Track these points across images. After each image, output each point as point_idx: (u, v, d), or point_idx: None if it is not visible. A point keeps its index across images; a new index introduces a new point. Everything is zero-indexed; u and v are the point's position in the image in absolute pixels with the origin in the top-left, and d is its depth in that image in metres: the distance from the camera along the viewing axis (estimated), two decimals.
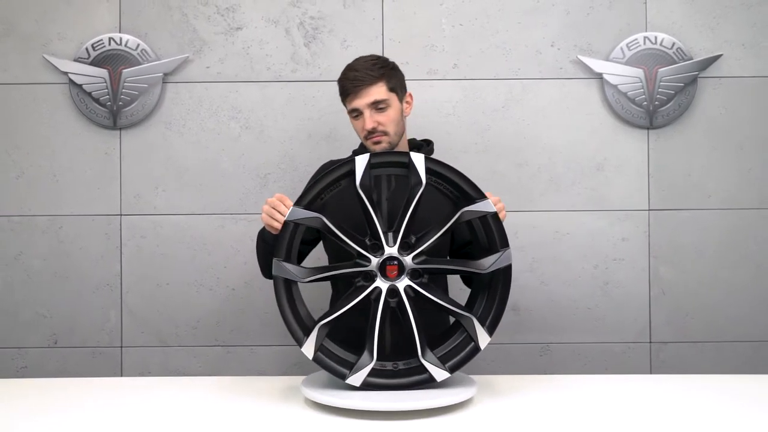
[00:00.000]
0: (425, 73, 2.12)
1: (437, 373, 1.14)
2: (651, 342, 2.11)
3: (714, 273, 2.11)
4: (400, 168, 1.15)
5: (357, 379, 1.20)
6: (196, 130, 2.12)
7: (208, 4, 2.12)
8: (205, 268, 2.12)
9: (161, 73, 2.10)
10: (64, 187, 2.12)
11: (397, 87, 1.57)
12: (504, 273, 1.17)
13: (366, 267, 1.20)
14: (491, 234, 1.13)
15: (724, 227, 2.11)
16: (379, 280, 1.19)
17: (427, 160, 1.16)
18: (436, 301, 1.14)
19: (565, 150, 2.12)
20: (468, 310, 1.13)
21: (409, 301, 1.16)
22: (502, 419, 1.16)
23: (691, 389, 1.41)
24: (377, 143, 1.54)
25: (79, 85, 2.09)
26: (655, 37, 2.08)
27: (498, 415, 1.19)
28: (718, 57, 2.09)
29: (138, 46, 2.09)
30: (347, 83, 1.55)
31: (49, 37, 2.11)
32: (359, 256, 1.21)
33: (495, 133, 2.12)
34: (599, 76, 2.10)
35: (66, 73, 2.09)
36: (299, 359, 2.04)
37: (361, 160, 1.17)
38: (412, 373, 1.16)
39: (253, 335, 2.12)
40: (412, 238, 1.18)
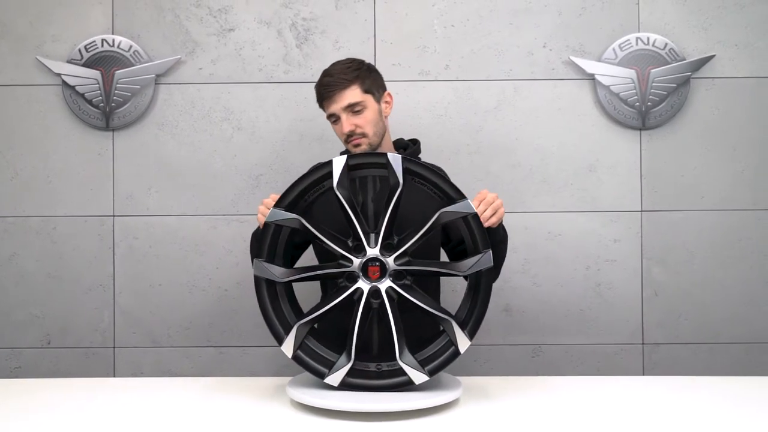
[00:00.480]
0: (417, 74, 2.12)
1: (415, 375, 1.13)
2: (644, 343, 2.11)
3: (707, 274, 2.10)
4: (379, 169, 1.14)
5: (335, 379, 1.20)
6: (189, 131, 2.13)
7: (200, 5, 2.12)
8: (197, 268, 2.13)
9: (154, 75, 2.10)
10: (57, 188, 2.13)
11: (372, 88, 1.57)
12: (485, 275, 1.15)
13: (348, 268, 1.20)
14: (473, 235, 1.12)
15: (718, 228, 2.10)
16: (361, 281, 1.19)
17: (405, 160, 1.15)
18: (416, 303, 1.14)
19: (557, 151, 2.11)
20: (448, 313, 1.13)
21: (391, 302, 1.16)
22: (489, 421, 1.16)
23: (684, 391, 1.41)
24: (357, 146, 1.54)
25: (72, 87, 2.10)
26: (648, 38, 2.08)
27: (484, 416, 1.18)
28: (711, 57, 2.08)
29: (131, 47, 2.10)
30: (322, 89, 1.56)
31: (43, 38, 2.12)
32: (342, 257, 1.21)
33: (487, 134, 2.12)
34: (591, 77, 2.09)
35: (59, 75, 2.10)
36: (291, 360, 2.03)
37: (339, 162, 1.17)
38: (393, 375, 1.15)
39: (245, 336, 2.13)
40: (395, 239, 1.18)
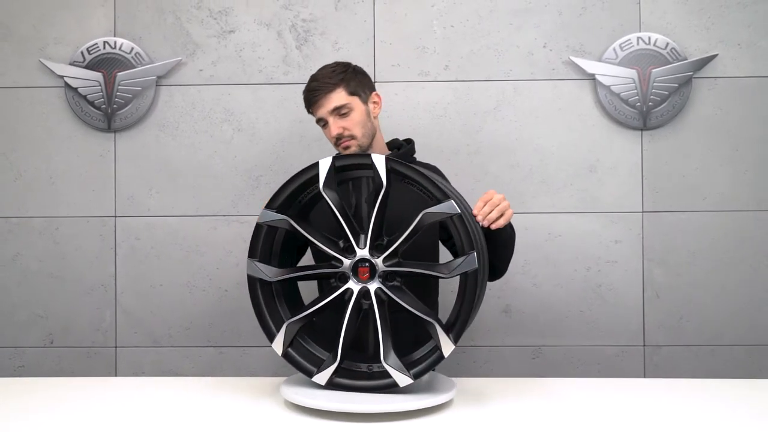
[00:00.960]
0: (417, 75, 2.12)
1: (400, 378, 1.13)
2: (645, 345, 2.09)
3: (709, 276, 2.08)
4: (366, 170, 1.15)
5: (322, 378, 1.21)
6: (189, 133, 2.14)
7: (201, 7, 2.14)
8: (197, 269, 2.14)
9: (155, 76, 2.12)
10: (60, 189, 2.15)
11: (358, 90, 1.57)
12: (470, 278, 1.13)
13: (338, 269, 1.21)
14: (459, 237, 1.11)
15: (719, 229, 2.08)
16: (352, 282, 1.19)
17: (389, 161, 1.15)
18: (402, 305, 1.13)
19: (557, 151, 2.10)
20: (434, 316, 1.12)
21: (380, 303, 1.16)
22: (484, 423, 1.15)
23: (685, 393, 1.39)
24: (347, 148, 1.56)
25: (75, 89, 2.12)
26: (649, 38, 2.06)
27: (480, 418, 1.17)
28: (714, 57, 2.06)
29: (132, 49, 2.12)
30: (308, 94, 1.58)
31: (46, 41, 2.14)
32: (334, 258, 1.22)
33: (487, 135, 2.11)
34: (592, 77, 2.08)
35: (62, 77, 2.12)
36: None
37: (325, 163, 1.18)
38: (381, 377, 1.15)
39: (245, 336, 2.14)
40: (384, 240, 1.18)
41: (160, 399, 1.35)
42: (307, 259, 1.70)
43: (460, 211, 1.09)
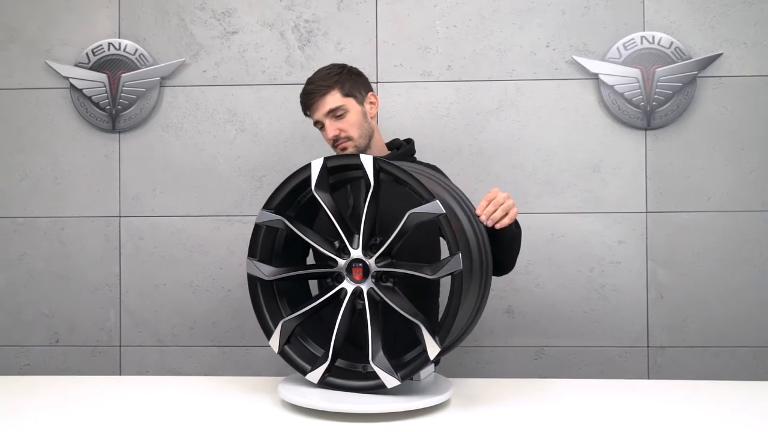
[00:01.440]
0: (419, 75, 2.12)
1: (387, 379, 1.13)
2: (648, 347, 2.08)
3: (713, 277, 2.06)
4: (357, 170, 1.15)
5: (314, 376, 1.22)
6: (193, 133, 2.15)
7: (204, 9, 2.15)
8: (201, 269, 2.15)
9: (159, 77, 2.13)
10: (65, 190, 2.17)
11: (353, 91, 1.58)
12: (455, 279, 1.11)
13: (332, 268, 1.21)
14: (445, 237, 1.11)
15: (724, 230, 2.06)
16: (346, 282, 1.20)
17: (377, 161, 1.15)
18: (391, 306, 1.13)
19: (560, 151, 2.09)
20: (421, 317, 1.12)
21: (373, 303, 1.16)
22: (484, 424, 1.14)
23: (690, 395, 1.37)
24: (344, 149, 1.57)
25: (80, 90, 2.13)
26: (653, 37, 2.05)
27: (480, 419, 1.16)
28: (718, 56, 2.04)
29: (136, 50, 2.13)
30: (304, 98, 1.59)
31: (52, 43, 2.16)
32: (329, 258, 1.22)
33: (489, 135, 2.11)
34: (595, 77, 2.07)
35: (67, 78, 2.14)
36: None
37: (316, 164, 1.19)
38: (371, 377, 1.15)
39: (248, 336, 2.14)
40: (378, 240, 1.19)
41: (162, 398, 1.36)
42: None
43: (444, 211, 1.08)
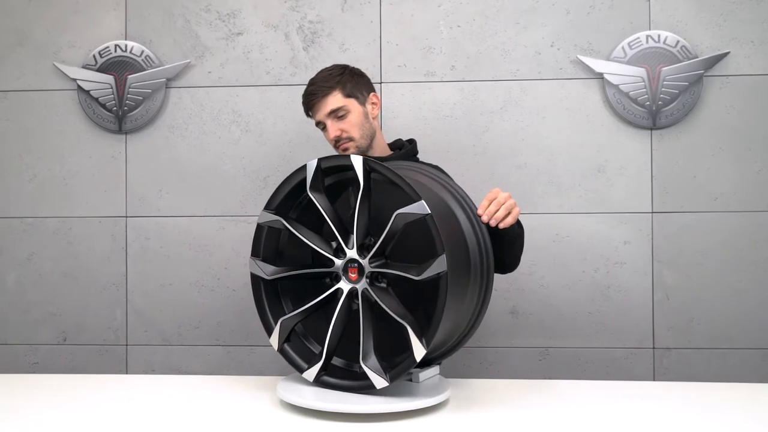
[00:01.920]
0: (423, 76, 2.11)
1: (376, 380, 1.13)
2: (654, 348, 2.06)
3: (720, 278, 2.04)
4: (350, 170, 1.15)
5: (310, 374, 1.23)
6: (198, 134, 2.17)
7: (209, 10, 2.16)
8: (206, 268, 2.17)
9: (164, 79, 2.15)
10: (73, 190, 2.19)
11: (355, 91, 1.58)
12: (441, 281, 1.10)
13: (329, 268, 1.22)
14: (431, 238, 1.11)
15: (731, 230, 2.04)
16: (343, 282, 1.20)
17: (367, 161, 1.16)
18: (382, 306, 1.14)
19: (565, 151, 2.08)
20: (409, 318, 1.12)
21: (368, 303, 1.16)
22: (481, 426, 1.13)
23: (696, 398, 1.35)
24: (345, 149, 1.57)
25: (87, 91, 2.16)
26: (659, 36, 2.03)
27: (478, 421, 1.15)
28: (725, 55, 2.02)
29: (142, 52, 2.15)
30: (306, 98, 1.60)
31: (60, 45, 2.19)
32: (328, 258, 1.23)
33: (493, 135, 2.10)
34: (600, 76, 2.06)
35: (75, 80, 2.17)
36: None
37: (311, 165, 1.20)
38: (363, 378, 1.15)
39: (252, 336, 2.15)
40: (371, 240, 1.19)
41: (163, 397, 1.37)
42: None
43: (430, 211, 1.08)
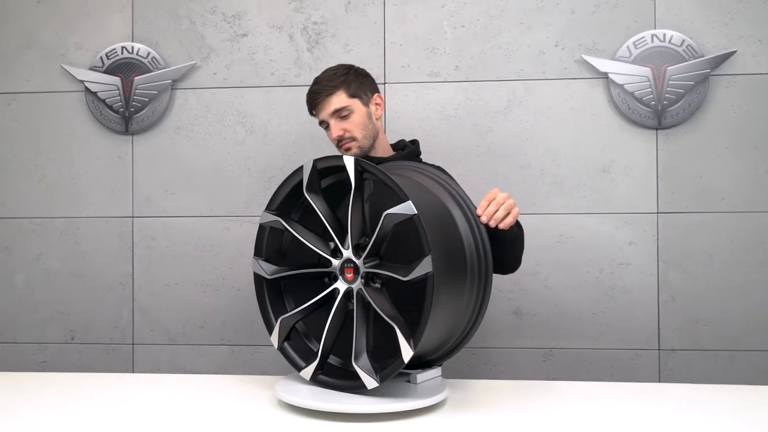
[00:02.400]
0: (427, 76, 2.12)
1: (367, 380, 1.13)
2: (660, 349, 2.05)
3: (726, 279, 2.02)
4: (343, 171, 1.16)
5: (307, 373, 1.24)
6: (203, 135, 2.18)
7: (215, 12, 2.18)
8: (211, 268, 2.18)
9: (170, 80, 2.17)
10: (80, 191, 2.22)
11: (359, 92, 1.58)
12: (428, 282, 1.09)
13: (327, 268, 1.23)
14: (418, 238, 1.10)
15: (738, 231, 2.02)
16: (340, 282, 1.21)
17: (359, 162, 1.16)
18: (373, 306, 1.14)
19: (569, 152, 2.07)
20: (398, 319, 1.12)
21: (363, 303, 1.17)
22: (474, 427, 1.13)
23: (702, 400, 1.33)
24: (348, 149, 1.57)
25: (94, 93, 2.18)
26: (664, 35, 2.02)
27: (470, 422, 1.15)
28: (732, 54, 2.00)
29: (149, 54, 2.17)
30: (310, 97, 1.60)
31: (68, 47, 2.21)
32: (326, 258, 1.24)
33: (497, 135, 2.10)
34: (605, 76, 2.05)
35: (82, 82, 2.19)
36: None
37: (307, 166, 1.20)
38: (355, 377, 1.15)
39: (257, 335, 2.17)
40: (366, 240, 1.19)
41: (165, 395, 1.38)
42: None
43: (416, 211, 1.08)
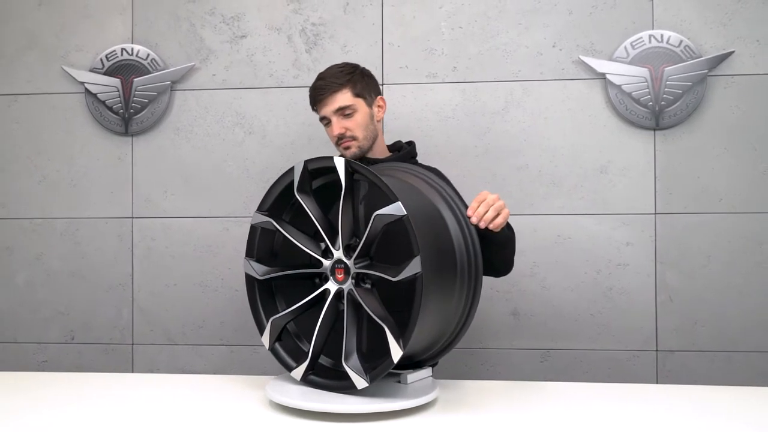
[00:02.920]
0: (425, 77, 2.12)
1: (357, 380, 1.14)
2: (657, 350, 2.04)
3: (724, 279, 2.02)
4: (334, 172, 1.16)
5: (297, 373, 1.24)
6: (202, 136, 2.19)
7: (214, 14, 2.19)
8: (210, 269, 2.19)
9: (170, 82, 2.18)
10: (80, 191, 2.23)
11: (364, 92, 1.58)
12: (417, 282, 1.09)
13: (318, 269, 1.23)
14: (407, 239, 1.10)
15: (735, 231, 2.01)
16: (331, 282, 1.21)
17: (349, 163, 1.16)
18: (364, 307, 1.14)
19: (567, 152, 2.08)
20: (388, 320, 1.12)
21: (354, 304, 1.17)
22: (464, 428, 1.13)
23: (700, 401, 1.33)
24: (347, 148, 1.57)
25: (94, 94, 2.20)
26: (662, 35, 2.02)
27: (459, 423, 1.15)
28: (730, 54, 2.00)
29: (148, 55, 2.18)
30: (314, 92, 1.59)
31: (68, 49, 2.23)
32: (316, 259, 1.24)
33: (495, 136, 2.10)
34: (602, 77, 2.05)
35: (82, 83, 2.20)
36: None
37: (298, 167, 1.20)
38: (345, 377, 1.16)
39: (255, 336, 2.14)
40: (356, 241, 1.20)
41: (162, 396, 1.38)
42: None
43: (406, 213, 1.08)
